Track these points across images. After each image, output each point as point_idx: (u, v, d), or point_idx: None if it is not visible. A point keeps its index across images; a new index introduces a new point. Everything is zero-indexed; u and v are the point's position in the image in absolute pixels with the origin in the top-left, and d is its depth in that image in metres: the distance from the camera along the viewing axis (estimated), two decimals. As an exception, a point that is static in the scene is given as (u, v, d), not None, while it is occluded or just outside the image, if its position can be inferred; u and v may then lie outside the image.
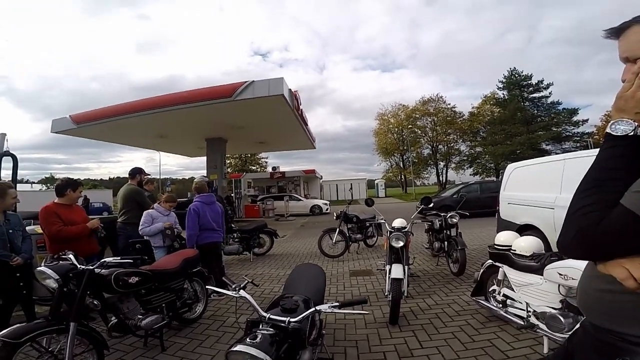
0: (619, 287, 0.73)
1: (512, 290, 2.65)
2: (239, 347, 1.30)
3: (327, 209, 18.85)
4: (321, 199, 24.49)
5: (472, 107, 39.89)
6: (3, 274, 2.77)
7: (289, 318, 1.49)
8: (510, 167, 5.52)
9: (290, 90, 9.51)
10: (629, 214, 0.67)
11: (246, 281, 1.99)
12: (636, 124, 0.75)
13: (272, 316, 1.52)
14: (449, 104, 40.72)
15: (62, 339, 2.18)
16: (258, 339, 1.35)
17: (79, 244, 3.12)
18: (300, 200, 19.67)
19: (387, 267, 3.48)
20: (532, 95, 33.97)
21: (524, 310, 2.46)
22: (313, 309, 1.58)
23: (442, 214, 5.27)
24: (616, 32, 0.82)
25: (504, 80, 35.33)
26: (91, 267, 2.33)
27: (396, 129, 43.20)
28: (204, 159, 13.97)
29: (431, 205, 5.13)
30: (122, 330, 2.62)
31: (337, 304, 1.60)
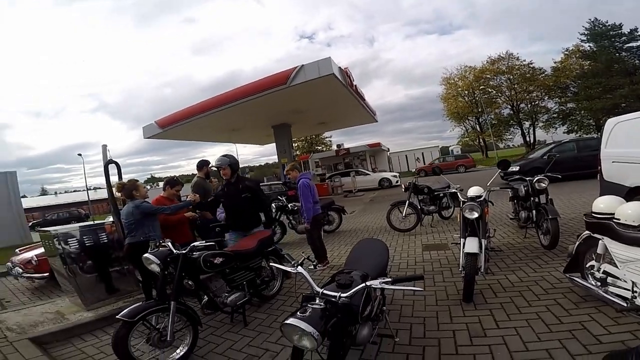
0: None
1: (615, 266, 2.23)
2: (289, 320, 1.40)
3: (397, 182, 18.31)
4: (390, 171, 23.86)
5: (555, 63, 35.02)
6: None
7: (339, 293, 1.53)
8: (611, 121, 4.56)
9: (340, 68, 9.51)
10: None
11: (303, 258, 2.09)
12: None
13: (325, 291, 1.59)
14: (524, 61, 36.30)
15: (166, 318, 2.47)
16: (307, 312, 1.44)
17: (178, 233, 3.72)
18: (367, 174, 19.46)
19: (462, 241, 3.20)
20: (627, 45, 28.97)
21: (628, 290, 2.05)
22: (363, 284, 1.59)
23: (527, 179, 4.61)
24: None
25: (587, 33, 30.91)
26: (184, 252, 2.68)
27: (466, 92, 39.82)
28: (275, 145, 14.82)
29: (512, 169, 4.54)
30: (212, 308, 2.95)
31: (389, 279, 1.60)
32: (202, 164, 5.04)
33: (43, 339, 3.11)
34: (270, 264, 2.77)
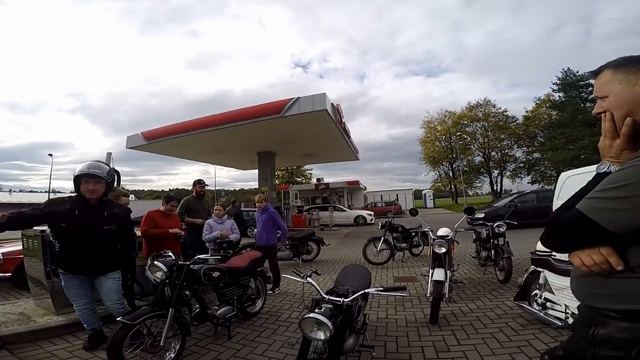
0: (583, 272, 0.96)
1: (553, 293, 2.73)
2: (310, 315, 1.75)
3: (371, 220, 18.89)
4: (365, 209, 24.53)
5: (526, 111, 37.49)
6: None
7: (343, 299, 1.93)
8: (564, 175, 5.37)
9: (332, 104, 9.96)
10: (577, 212, 0.91)
11: (311, 271, 2.42)
12: (609, 163, 0.99)
13: (330, 297, 1.97)
14: (500, 108, 39.03)
15: (160, 324, 2.58)
16: (322, 309, 1.81)
17: (166, 245, 3.73)
18: (344, 210, 19.98)
19: (430, 271, 3.69)
20: (592, 96, 30.50)
21: (562, 312, 2.55)
22: (363, 291, 2.00)
23: (489, 224, 5.29)
24: (594, 74, 1.08)
25: (559, 82, 32.90)
26: (189, 263, 2.87)
27: (444, 137, 41.91)
28: (255, 171, 15.05)
29: (477, 215, 5.18)
30: (200, 319, 3.08)
31: (381, 288, 2.04)
32: (194, 183, 5.39)
33: (9, 339, 3.04)
34: (283, 274, 2.93)
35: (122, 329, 2.37)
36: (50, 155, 33.50)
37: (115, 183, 4.14)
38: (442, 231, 4.16)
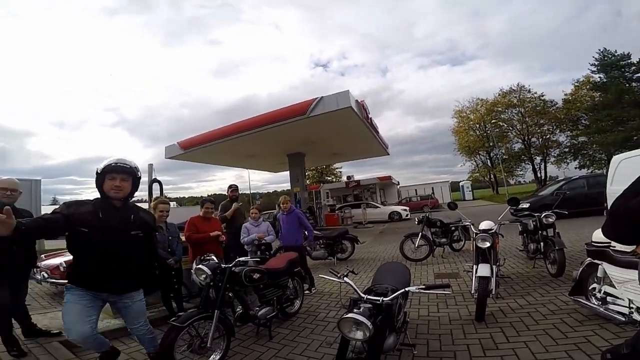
0: None
1: (614, 287, 2.49)
2: (348, 315, 1.72)
3: (407, 215, 18.42)
4: (400, 205, 24.01)
5: (565, 95, 34.56)
6: (162, 270, 3.56)
7: (382, 298, 1.89)
8: (617, 158, 4.87)
9: (357, 101, 9.83)
10: None
11: (348, 271, 2.42)
12: None
13: (369, 297, 1.94)
14: (535, 93, 36.14)
15: (206, 325, 2.65)
16: (361, 309, 1.78)
17: (209, 249, 3.92)
18: (377, 207, 19.69)
19: (474, 267, 3.52)
20: (637, 75, 28.07)
21: (626, 306, 2.32)
22: (403, 289, 1.95)
23: (535, 214, 4.93)
24: None
25: (597, 63, 30.38)
26: (230, 265, 2.99)
27: (477, 125, 39.67)
28: (286, 173, 15.33)
29: (521, 205, 4.84)
30: (243, 320, 3.18)
31: (423, 286, 1.95)
32: (227, 189, 5.63)
33: (71, 342, 3.12)
34: (320, 275, 3.03)
35: (171, 330, 2.48)
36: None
37: (158, 192, 4.45)
38: (484, 224, 3.94)
